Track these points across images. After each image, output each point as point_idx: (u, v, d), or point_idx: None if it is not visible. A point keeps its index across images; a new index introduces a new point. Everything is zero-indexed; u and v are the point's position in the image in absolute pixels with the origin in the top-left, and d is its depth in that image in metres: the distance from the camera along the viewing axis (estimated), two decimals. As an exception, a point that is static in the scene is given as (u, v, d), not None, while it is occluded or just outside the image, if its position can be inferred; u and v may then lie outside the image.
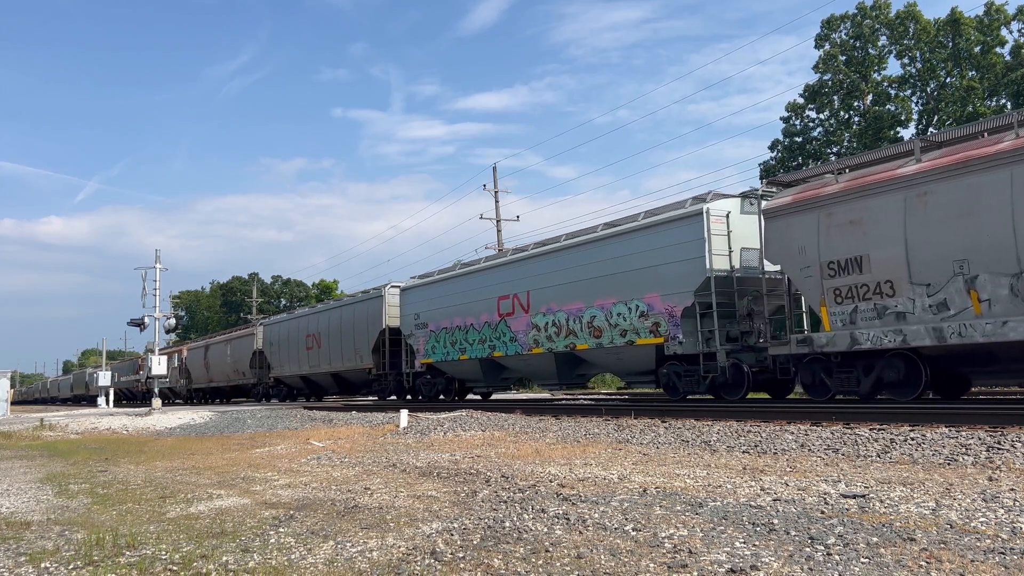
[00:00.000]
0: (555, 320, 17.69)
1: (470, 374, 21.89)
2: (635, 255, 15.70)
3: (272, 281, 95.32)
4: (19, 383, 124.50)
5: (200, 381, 44.96)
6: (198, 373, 44.94)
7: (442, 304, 22.15)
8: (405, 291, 24.55)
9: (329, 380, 30.06)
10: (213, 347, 42.99)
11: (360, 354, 26.76)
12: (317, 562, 4.27)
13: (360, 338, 26.73)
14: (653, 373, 15.98)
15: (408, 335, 23.74)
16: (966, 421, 8.72)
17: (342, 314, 28.45)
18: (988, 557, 3.74)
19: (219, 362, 41.35)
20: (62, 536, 5.48)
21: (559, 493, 6.08)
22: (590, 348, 16.69)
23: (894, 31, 40.25)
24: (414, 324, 23.40)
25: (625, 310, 15.79)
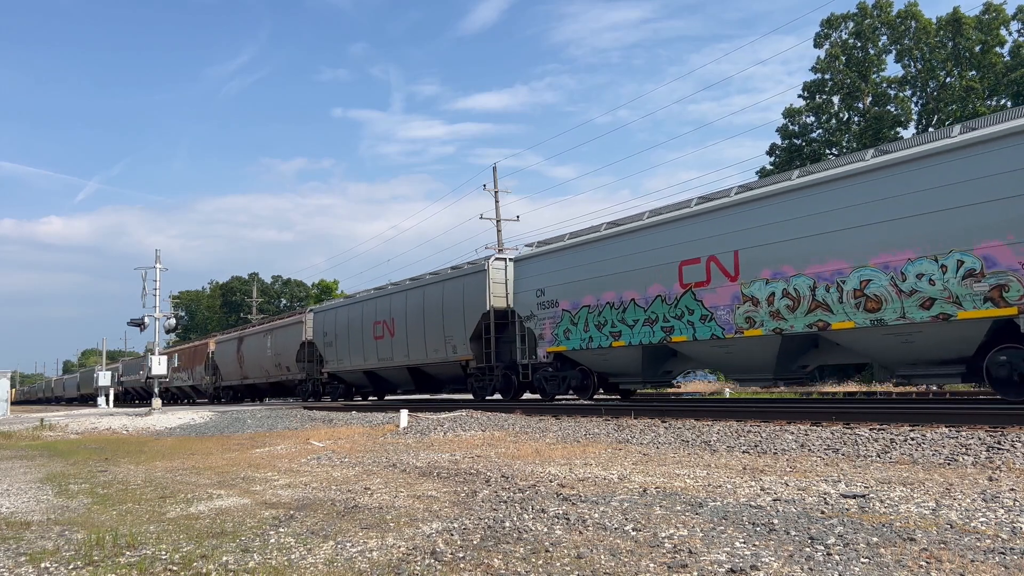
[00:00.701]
0: (790, 288, 12.61)
1: (623, 366, 16.81)
2: (950, 189, 10.71)
3: (272, 281, 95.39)
4: (19, 383, 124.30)
5: (231, 378, 39.86)
6: (229, 369, 39.99)
7: (581, 276, 17.15)
8: (521, 262, 19.61)
9: (404, 375, 24.88)
10: (250, 339, 37.65)
11: (452, 343, 21.76)
12: (317, 562, 4.27)
13: (453, 323, 21.76)
14: (967, 362, 11.01)
15: (527, 317, 18.86)
16: (966, 421, 8.72)
17: (425, 295, 23.19)
18: (988, 557, 3.74)
19: (257, 356, 36.04)
20: (62, 536, 5.48)
21: (559, 493, 6.08)
22: (856, 327, 11.68)
23: (894, 30, 40.26)
24: (536, 303, 18.49)
25: (934, 268, 10.82)
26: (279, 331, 34.44)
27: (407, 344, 23.84)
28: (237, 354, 38.58)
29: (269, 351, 34.71)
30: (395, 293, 25.13)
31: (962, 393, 19.01)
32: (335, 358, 28.53)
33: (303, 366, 31.50)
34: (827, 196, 12.30)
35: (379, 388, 28.11)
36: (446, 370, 22.75)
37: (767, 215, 13.15)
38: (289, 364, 32.76)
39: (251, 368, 37.03)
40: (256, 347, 36.40)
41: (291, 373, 32.80)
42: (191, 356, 46.70)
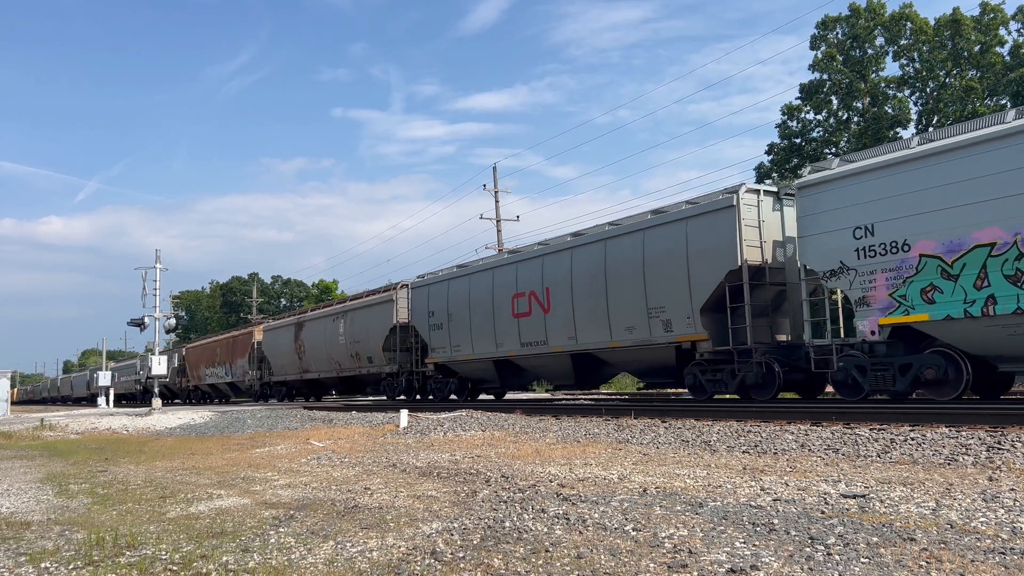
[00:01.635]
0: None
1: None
2: None
3: (272, 281, 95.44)
4: (19, 383, 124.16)
5: (286, 372, 33.29)
6: (284, 361, 33.36)
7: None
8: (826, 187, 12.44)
9: (560, 365, 18.26)
10: (313, 325, 30.97)
11: (661, 316, 15.06)
12: (317, 562, 4.27)
13: (660, 289, 15.05)
14: None
15: (836, 273, 12.29)
16: (966, 421, 8.72)
17: (609, 251, 16.39)
18: (988, 557, 3.74)
19: (324, 345, 29.54)
20: (62, 536, 5.48)
21: (559, 493, 6.08)
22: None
23: (890, 31, 40.29)
24: (856, 250, 11.99)
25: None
26: (358, 313, 27.49)
27: (573, 322, 17.20)
28: (295, 343, 31.86)
29: (342, 338, 28.01)
30: (552, 253, 18.26)
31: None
32: (447, 344, 21.76)
33: (393, 356, 24.92)
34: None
35: (512, 382, 21.36)
36: (642, 357, 16.09)
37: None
38: (372, 354, 26.24)
39: (315, 359, 30.42)
40: (323, 334, 29.69)
41: (374, 365, 26.27)
42: (229, 348, 39.98)
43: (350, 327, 27.79)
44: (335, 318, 29.00)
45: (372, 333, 26.22)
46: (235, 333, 41.30)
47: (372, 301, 27.11)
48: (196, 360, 45.75)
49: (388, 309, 25.43)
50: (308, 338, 31.03)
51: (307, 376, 31.56)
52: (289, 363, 32.83)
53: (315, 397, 34.10)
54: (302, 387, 33.26)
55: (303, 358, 31.41)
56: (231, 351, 39.54)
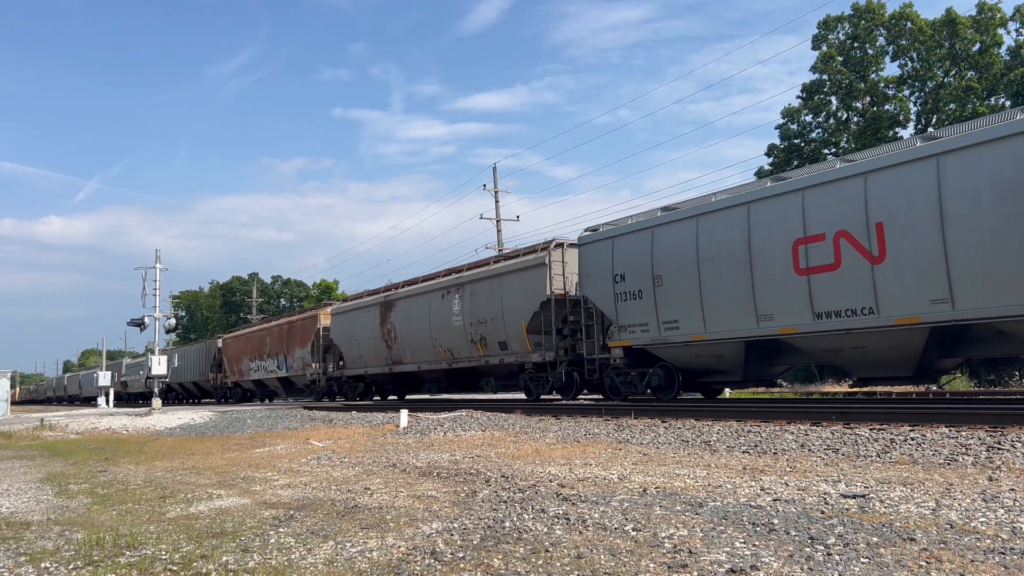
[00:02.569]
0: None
1: None
2: None
3: (272, 281, 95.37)
4: (19, 383, 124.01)
5: (366, 363, 26.54)
6: (362, 351, 26.76)
7: None
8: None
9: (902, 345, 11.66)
10: (409, 303, 24.17)
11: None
12: (317, 562, 4.27)
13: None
14: None
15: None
16: (966, 421, 8.72)
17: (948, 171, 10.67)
18: (988, 557, 3.74)
19: (427, 327, 22.85)
20: (62, 536, 5.48)
21: (559, 493, 6.08)
22: None
23: (890, 31, 40.31)
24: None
25: None
26: (484, 285, 20.68)
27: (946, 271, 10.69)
28: (380, 327, 25.25)
29: (458, 318, 21.37)
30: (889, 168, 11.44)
31: (962, 393, 19.01)
32: (649, 320, 15.37)
33: (548, 339, 18.30)
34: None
35: (762, 372, 14.79)
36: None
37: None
38: (508, 337, 19.59)
39: (412, 347, 23.82)
40: (425, 314, 23.00)
41: (511, 352, 19.62)
42: (283, 336, 33.32)
43: (471, 303, 21.06)
44: (446, 293, 22.18)
45: (510, 310, 19.39)
46: (291, 318, 34.23)
47: (509, 268, 19.87)
48: (237, 352, 39.19)
49: (537, 277, 18.68)
50: (402, 320, 24.27)
51: (399, 368, 24.72)
52: (371, 352, 26.04)
53: (401, 395, 28.15)
54: (387, 382, 26.91)
55: (393, 346, 24.69)
56: (286, 340, 32.95)
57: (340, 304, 29.77)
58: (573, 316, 18.28)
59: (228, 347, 40.74)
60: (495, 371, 21.53)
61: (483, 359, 20.78)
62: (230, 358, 40.18)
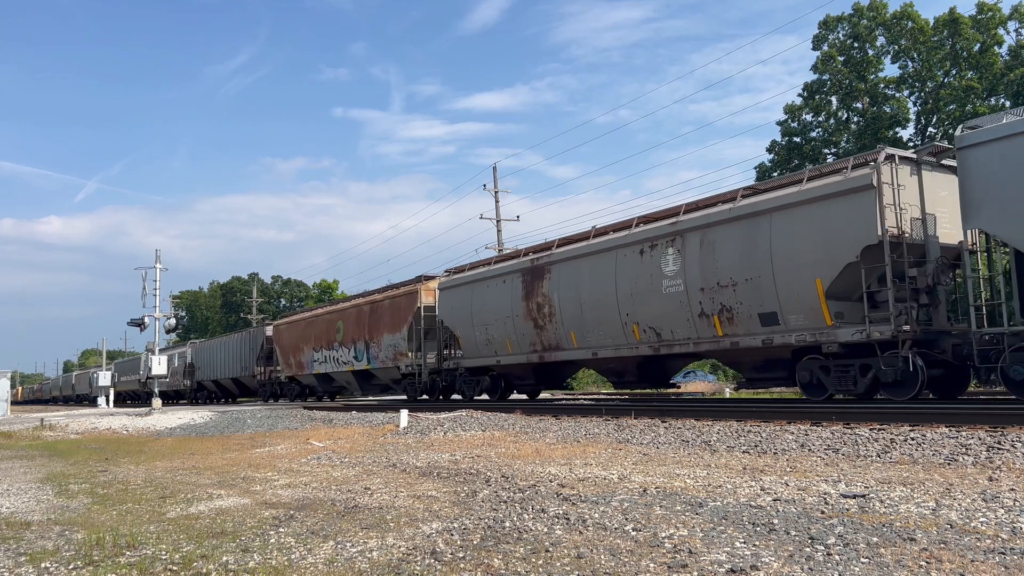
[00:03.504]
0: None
1: None
2: None
3: (272, 281, 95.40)
4: (19, 383, 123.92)
5: (499, 351, 19.97)
6: (494, 334, 19.99)
7: None
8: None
9: None
10: (577, 265, 17.46)
11: None
12: (317, 562, 4.27)
13: None
14: None
15: None
16: (966, 421, 8.72)
17: None
18: (988, 557, 3.74)
19: (615, 296, 16.14)
20: (62, 536, 5.48)
21: (559, 493, 6.08)
22: None
23: (891, 31, 40.33)
24: None
25: None
26: (731, 229, 13.85)
27: None
28: (526, 301, 18.58)
29: (675, 281, 14.73)
30: None
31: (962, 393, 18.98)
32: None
33: (877, 306, 12.07)
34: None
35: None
36: None
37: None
38: (782, 305, 12.97)
39: (584, 326, 16.97)
40: (611, 277, 16.16)
41: (788, 329, 12.98)
42: (365, 320, 26.57)
43: (702, 258, 14.14)
44: (649, 247, 15.26)
45: (790, 264, 12.76)
46: (377, 296, 26.92)
47: (790, 199, 12.94)
48: (294, 341, 32.51)
49: (844, 213, 12.11)
50: (564, 290, 17.46)
51: (555, 356, 18.05)
52: (505, 336, 19.45)
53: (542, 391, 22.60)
54: (529, 375, 20.05)
55: (546, 326, 18.01)
56: (368, 323, 26.37)
57: (452, 276, 22.67)
58: (918, 270, 11.89)
59: (282, 335, 33.95)
60: (746, 357, 14.32)
61: (724, 340, 13.86)
62: (285, 348, 33.45)
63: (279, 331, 34.44)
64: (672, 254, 14.96)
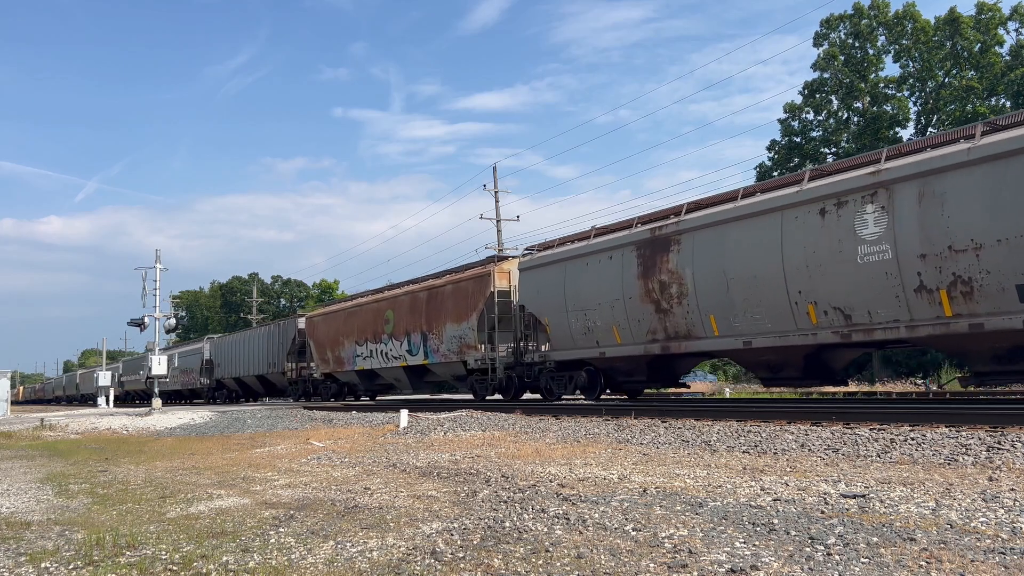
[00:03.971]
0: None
1: None
2: None
3: (272, 281, 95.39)
4: (19, 383, 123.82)
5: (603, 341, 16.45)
6: (596, 320, 16.51)
7: None
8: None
9: None
10: (721, 232, 13.77)
11: None
12: (317, 562, 4.27)
13: None
14: None
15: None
16: (966, 421, 8.72)
17: None
18: (988, 557, 3.74)
19: (782, 269, 12.48)
20: (62, 536, 5.48)
21: (559, 493, 6.08)
22: None
23: (892, 31, 40.32)
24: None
25: None
26: (957, 177, 10.46)
27: None
28: (643, 279, 15.18)
29: (879, 247, 11.25)
30: None
31: (962, 393, 19.01)
32: None
33: None
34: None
35: None
36: None
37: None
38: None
39: (731, 307, 13.47)
40: (776, 245, 12.69)
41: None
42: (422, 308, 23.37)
43: (926, 216, 10.89)
44: (836, 205, 11.91)
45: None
46: (437, 281, 23.44)
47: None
48: (332, 334, 29.08)
49: None
50: (701, 263, 14.06)
51: (684, 346, 14.55)
52: (612, 323, 16.00)
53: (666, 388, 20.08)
54: (640, 370, 16.44)
55: (673, 308, 14.53)
56: (426, 312, 23.09)
57: (538, 254, 19.24)
58: None
59: (318, 328, 30.52)
60: (987, 343, 10.66)
61: (956, 321, 10.61)
62: (321, 342, 29.95)
63: (313, 324, 31.08)
64: (873, 212, 11.57)
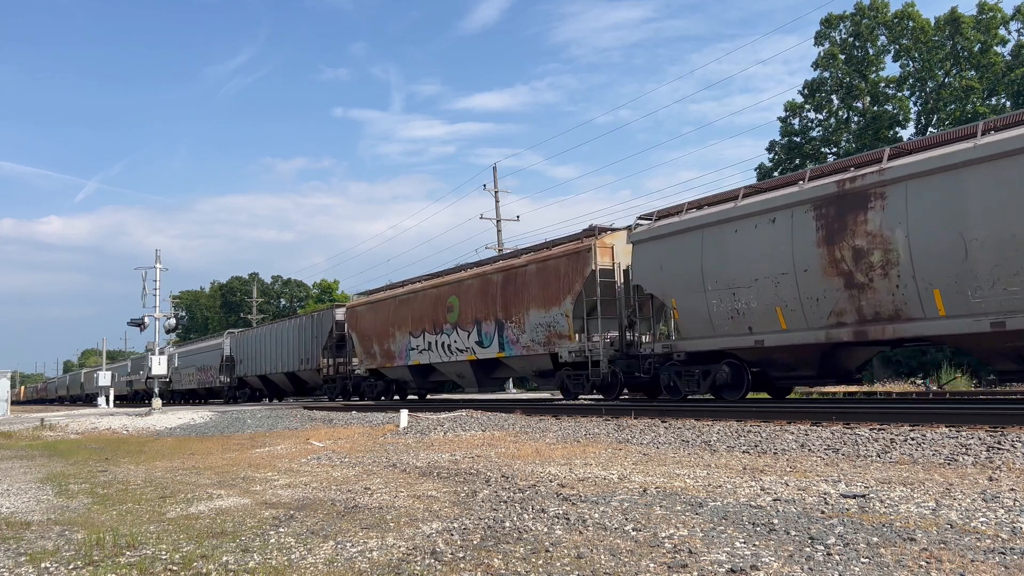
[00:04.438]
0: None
1: None
2: None
3: (272, 281, 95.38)
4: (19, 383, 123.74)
5: (757, 326, 13.27)
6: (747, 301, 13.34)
7: None
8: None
9: None
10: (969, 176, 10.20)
11: None
12: (317, 562, 4.27)
13: None
14: None
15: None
16: (966, 421, 8.72)
17: None
18: (988, 557, 3.74)
19: None
20: (62, 536, 5.48)
21: (559, 493, 6.08)
22: None
23: (892, 30, 40.32)
24: None
25: None
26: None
27: None
28: (825, 247, 12.05)
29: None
30: None
31: (962, 393, 19.01)
32: None
33: None
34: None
35: None
36: None
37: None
38: None
39: (976, 279, 10.22)
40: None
41: None
42: (495, 292, 20.29)
43: None
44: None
45: None
46: (516, 261, 20.25)
47: None
48: (379, 325, 25.75)
49: None
50: (928, 221, 10.95)
51: (906, 330, 11.35)
52: (781, 302, 12.90)
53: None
54: (812, 362, 13.10)
55: (876, 282, 11.54)
56: (500, 296, 19.99)
57: (661, 221, 15.83)
58: None
59: (362, 319, 27.04)
60: None
61: None
62: (365, 334, 26.58)
63: (356, 314, 27.43)
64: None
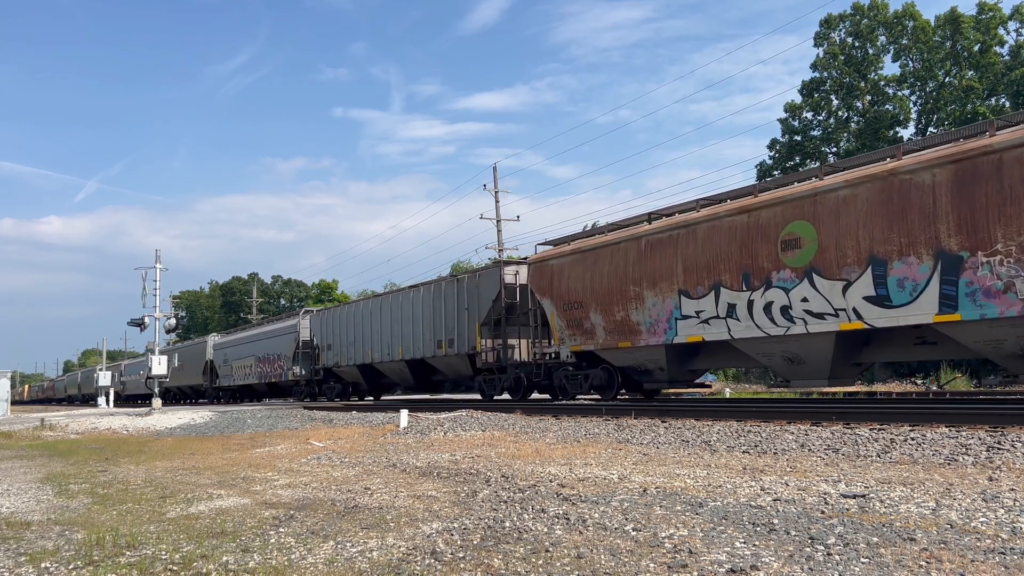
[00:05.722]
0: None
1: None
2: None
3: (272, 281, 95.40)
4: (19, 383, 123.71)
5: None
6: None
7: None
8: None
9: None
10: None
11: None
12: (317, 562, 4.27)
13: None
14: None
15: None
16: (966, 421, 8.72)
17: None
18: (988, 557, 3.74)
19: None
20: (62, 536, 5.48)
21: (559, 493, 6.08)
22: None
23: (891, 30, 40.32)
24: None
25: None
26: None
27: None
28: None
29: None
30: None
31: (962, 393, 19.01)
32: None
33: None
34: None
35: None
36: None
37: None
38: None
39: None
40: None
41: None
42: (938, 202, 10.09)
43: None
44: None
45: None
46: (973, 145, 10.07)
47: None
48: (603, 284, 16.06)
49: None
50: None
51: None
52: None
53: None
54: None
55: None
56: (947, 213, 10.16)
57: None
58: None
59: (562, 275, 17.34)
60: None
61: None
62: (571, 300, 17.06)
63: (550, 271, 17.75)
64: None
